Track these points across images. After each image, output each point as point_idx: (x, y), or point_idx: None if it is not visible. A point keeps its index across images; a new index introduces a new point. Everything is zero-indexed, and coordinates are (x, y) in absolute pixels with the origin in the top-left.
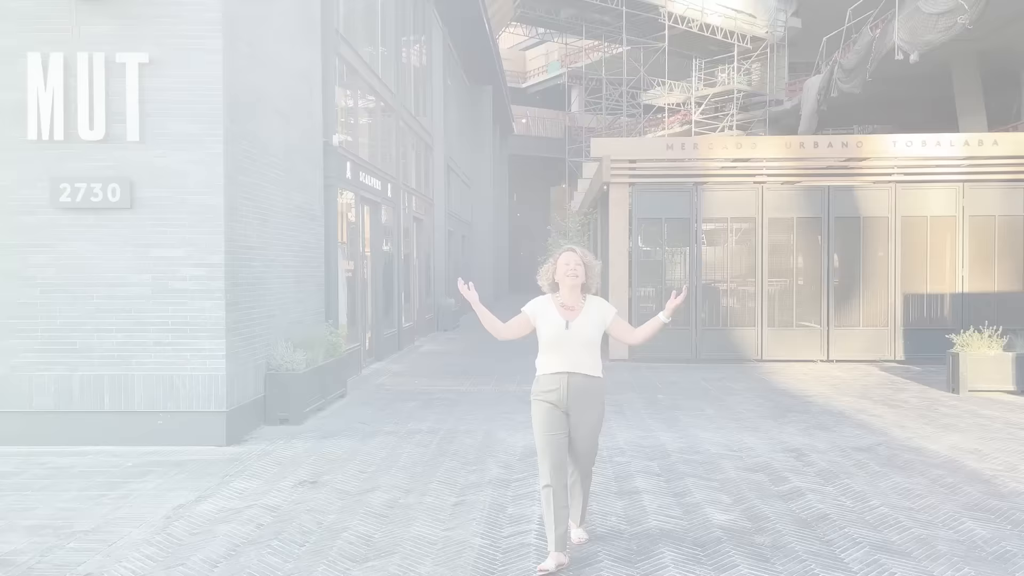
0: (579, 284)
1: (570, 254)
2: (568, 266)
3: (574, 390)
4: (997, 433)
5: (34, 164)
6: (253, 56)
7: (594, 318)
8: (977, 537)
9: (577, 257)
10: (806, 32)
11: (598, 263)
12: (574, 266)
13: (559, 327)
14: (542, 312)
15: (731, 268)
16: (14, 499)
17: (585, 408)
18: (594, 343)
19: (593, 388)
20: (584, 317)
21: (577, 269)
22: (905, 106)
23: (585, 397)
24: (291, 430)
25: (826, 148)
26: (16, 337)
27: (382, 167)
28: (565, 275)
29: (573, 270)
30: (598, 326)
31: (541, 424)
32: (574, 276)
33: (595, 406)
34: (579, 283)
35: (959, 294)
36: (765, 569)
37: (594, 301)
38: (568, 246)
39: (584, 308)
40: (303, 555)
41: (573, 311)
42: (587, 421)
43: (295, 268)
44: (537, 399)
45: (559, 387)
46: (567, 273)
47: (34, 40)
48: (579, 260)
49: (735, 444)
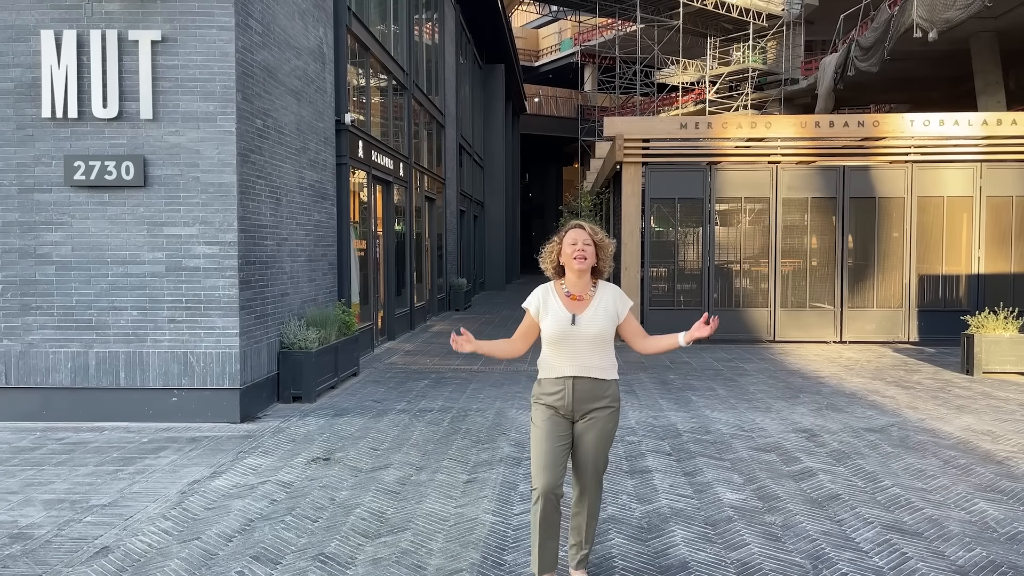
0: (588, 268)
1: (578, 231)
2: (576, 246)
3: (581, 396)
4: (1011, 415)
5: (48, 142)
6: (265, 34)
7: (606, 310)
8: (989, 518)
9: (586, 234)
10: (823, 10)
11: (612, 242)
12: (582, 246)
13: (564, 322)
14: (545, 304)
15: (744, 248)
16: (32, 474)
17: (594, 416)
18: (605, 340)
19: (604, 394)
20: (594, 309)
21: (586, 250)
22: (923, 85)
23: (594, 404)
24: (304, 407)
25: (842, 127)
26: (32, 314)
27: (394, 146)
28: (572, 257)
29: (582, 251)
30: (611, 320)
31: (540, 430)
32: (583, 258)
33: (606, 415)
34: (589, 266)
35: (975, 275)
36: (776, 548)
37: (607, 289)
38: (575, 222)
39: (595, 298)
40: (316, 530)
41: (581, 302)
42: (596, 431)
43: (308, 247)
44: (538, 404)
45: (563, 392)
46: (575, 255)
47: (47, 17)
48: (588, 238)
49: (747, 424)
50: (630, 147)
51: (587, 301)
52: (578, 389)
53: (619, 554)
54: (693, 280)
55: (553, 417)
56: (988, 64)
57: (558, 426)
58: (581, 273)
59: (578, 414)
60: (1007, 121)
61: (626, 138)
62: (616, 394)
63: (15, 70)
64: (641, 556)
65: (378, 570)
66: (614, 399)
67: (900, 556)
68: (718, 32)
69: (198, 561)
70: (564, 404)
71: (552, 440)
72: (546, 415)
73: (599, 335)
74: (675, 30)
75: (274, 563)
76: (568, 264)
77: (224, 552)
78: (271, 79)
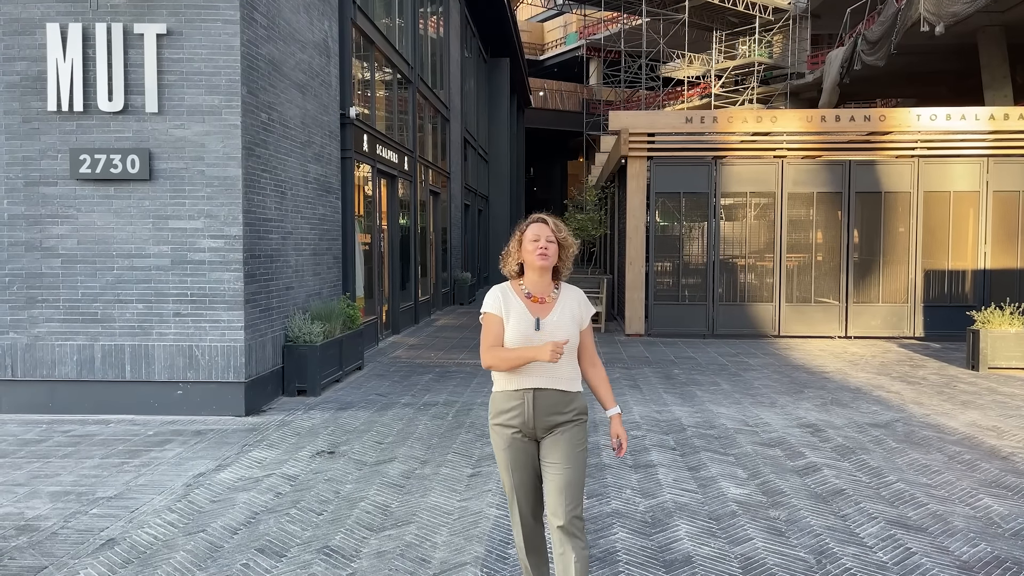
0: (551, 267)
1: (540, 225)
2: (538, 242)
3: (543, 410)
4: (1017, 410)
5: (54, 135)
6: (270, 27)
7: (572, 314)
8: (994, 514)
9: (549, 230)
10: (829, 3)
11: (576, 243)
12: (545, 242)
13: (528, 326)
14: (507, 305)
15: (749, 243)
16: (38, 466)
17: (559, 434)
18: (572, 347)
19: (569, 407)
20: (559, 312)
21: (549, 247)
22: (929, 79)
23: (558, 419)
24: (309, 401)
25: (848, 122)
26: (38, 307)
27: (399, 140)
28: (534, 254)
29: (544, 248)
30: (576, 324)
31: (503, 461)
32: (544, 255)
33: (573, 431)
34: (551, 265)
35: (981, 270)
36: (780, 543)
37: (570, 292)
38: (537, 215)
39: (558, 301)
40: (321, 523)
41: (543, 305)
42: (564, 445)
43: (312, 241)
44: (495, 424)
45: (521, 407)
46: (537, 251)
47: (53, 11)
48: (552, 234)
49: (751, 419)
50: (635, 141)
51: (550, 304)
52: (539, 402)
53: (623, 548)
54: (698, 275)
55: (515, 441)
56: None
57: (523, 452)
58: (543, 272)
59: (541, 430)
60: (1014, 115)
61: (631, 132)
62: (583, 407)
63: (21, 63)
64: (645, 550)
65: (382, 563)
66: (581, 412)
67: (904, 551)
68: (724, 26)
69: (204, 553)
70: (524, 421)
71: (520, 470)
72: (506, 440)
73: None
74: (681, 24)
75: (279, 556)
76: (528, 262)
77: (229, 544)
78: (276, 73)
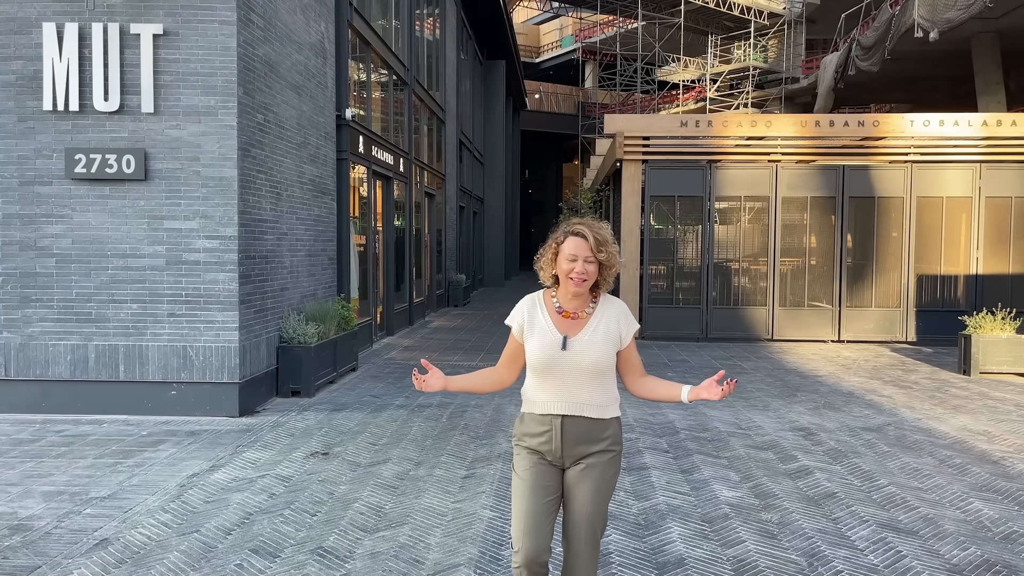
0: (586, 291)
1: (579, 242)
2: (575, 264)
3: (572, 439)
4: (1007, 415)
5: (49, 135)
6: (267, 28)
7: (607, 333)
8: (984, 517)
9: (588, 249)
10: (824, 8)
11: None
12: (583, 265)
13: (552, 345)
14: (531, 320)
15: (743, 247)
16: (31, 466)
17: (589, 463)
18: (603, 371)
19: (602, 436)
20: (592, 331)
21: (588, 270)
22: (923, 85)
23: (590, 448)
24: (303, 402)
25: (842, 127)
26: (32, 306)
27: (395, 142)
28: (568, 276)
29: (582, 273)
30: (612, 344)
31: (523, 482)
32: (580, 282)
33: (605, 460)
34: (588, 287)
35: (973, 276)
36: (772, 545)
37: (610, 306)
38: (577, 222)
39: (593, 316)
40: (315, 524)
41: (576, 321)
42: (591, 482)
43: (307, 242)
44: (520, 446)
45: (549, 435)
46: (571, 275)
47: (49, 10)
48: (591, 255)
49: (744, 422)
50: (630, 144)
51: (583, 320)
52: (568, 431)
53: (616, 550)
54: (692, 278)
55: (538, 465)
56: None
57: (544, 476)
58: (577, 294)
59: (569, 460)
60: (1007, 122)
61: (626, 135)
62: (618, 435)
63: (17, 62)
64: (638, 552)
65: (376, 564)
66: (615, 442)
67: (895, 554)
68: (719, 30)
69: (197, 554)
70: (551, 449)
71: (537, 495)
72: (530, 463)
73: (596, 364)
74: (676, 27)
75: (273, 556)
76: (562, 280)
77: (223, 545)
78: (272, 74)
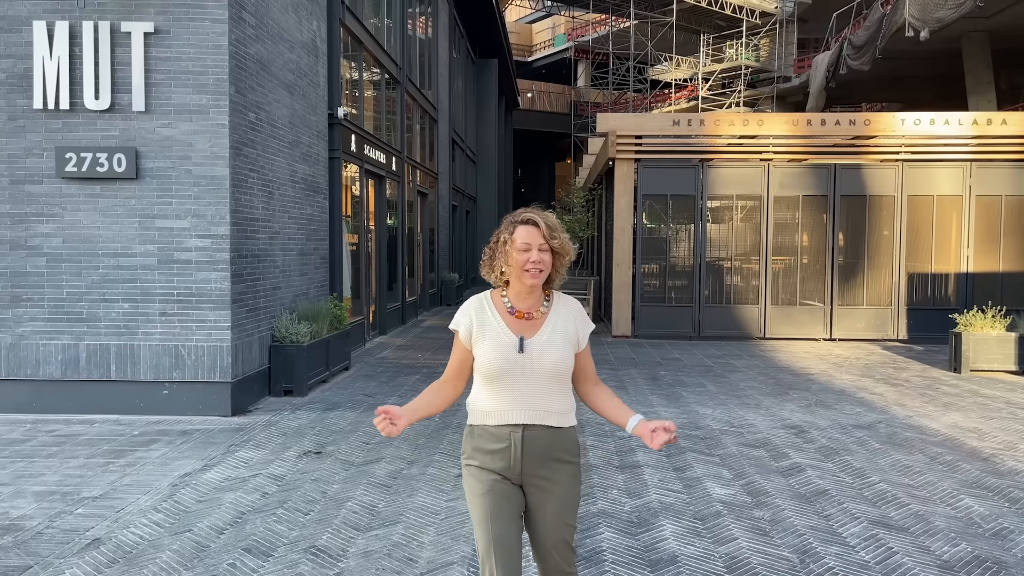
0: (542, 282)
1: (531, 229)
2: (528, 253)
3: (532, 452)
4: (997, 412)
5: (40, 133)
6: (259, 26)
7: (565, 333)
8: (975, 514)
9: (541, 237)
10: (816, 8)
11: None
12: (537, 254)
13: (508, 348)
14: (480, 323)
15: (736, 246)
16: (22, 466)
17: (550, 478)
18: (563, 374)
19: (562, 447)
20: (549, 331)
21: (543, 259)
22: (914, 84)
23: (550, 461)
24: (295, 401)
25: (834, 126)
26: (23, 306)
27: (387, 140)
28: (522, 267)
29: (537, 262)
30: (570, 346)
31: (480, 508)
32: (536, 273)
33: (567, 475)
34: (543, 279)
35: (964, 274)
36: (764, 542)
37: (564, 305)
38: (526, 212)
39: (549, 316)
40: (308, 523)
41: (530, 321)
42: (556, 502)
43: (300, 241)
44: (471, 465)
45: (507, 448)
46: (526, 266)
47: (40, 8)
48: (544, 242)
49: (736, 420)
50: (623, 143)
51: (539, 320)
52: (529, 443)
53: (609, 548)
54: (685, 276)
55: (497, 486)
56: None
57: (506, 498)
58: (532, 288)
59: (528, 477)
60: (997, 121)
61: (619, 134)
62: (576, 445)
63: (7, 61)
64: (631, 550)
65: (369, 563)
66: (574, 452)
67: (886, 550)
68: (711, 29)
69: (190, 553)
70: (509, 465)
71: (500, 522)
72: (486, 484)
73: (556, 366)
74: (669, 26)
75: (266, 555)
76: (515, 274)
77: (216, 544)
78: (264, 72)
